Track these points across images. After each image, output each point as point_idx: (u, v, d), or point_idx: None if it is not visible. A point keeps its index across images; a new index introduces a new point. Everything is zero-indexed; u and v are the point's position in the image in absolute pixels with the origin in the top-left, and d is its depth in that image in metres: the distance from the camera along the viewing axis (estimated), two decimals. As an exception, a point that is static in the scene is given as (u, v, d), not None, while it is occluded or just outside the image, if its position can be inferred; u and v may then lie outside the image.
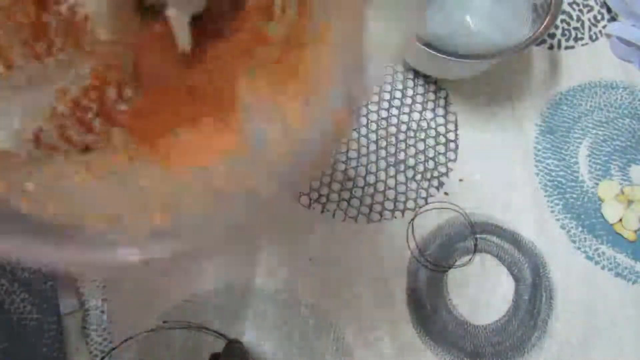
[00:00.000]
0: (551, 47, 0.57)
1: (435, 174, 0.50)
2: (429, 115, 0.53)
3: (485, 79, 0.55)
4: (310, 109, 0.22)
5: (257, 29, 0.24)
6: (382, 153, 0.51)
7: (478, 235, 0.48)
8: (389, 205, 0.49)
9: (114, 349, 0.42)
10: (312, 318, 0.44)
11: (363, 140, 0.51)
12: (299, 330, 0.44)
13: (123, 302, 0.44)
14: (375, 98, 0.53)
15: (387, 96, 0.53)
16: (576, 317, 0.45)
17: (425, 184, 0.50)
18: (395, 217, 0.48)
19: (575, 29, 0.58)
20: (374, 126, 0.52)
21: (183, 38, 0.24)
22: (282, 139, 0.22)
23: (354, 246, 0.47)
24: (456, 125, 0.52)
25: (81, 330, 0.42)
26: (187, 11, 0.23)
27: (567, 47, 0.57)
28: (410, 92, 0.54)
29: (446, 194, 0.49)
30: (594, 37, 0.58)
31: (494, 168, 0.51)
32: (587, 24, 0.59)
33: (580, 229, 0.49)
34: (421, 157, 0.51)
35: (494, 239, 0.48)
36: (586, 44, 0.58)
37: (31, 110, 0.22)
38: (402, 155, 0.51)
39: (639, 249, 0.48)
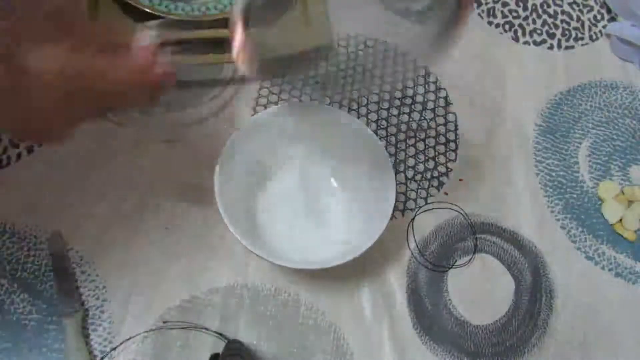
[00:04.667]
0: (551, 47, 0.57)
1: (435, 174, 0.50)
2: (429, 115, 0.53)
3: (485, 80, 0.55)
4: None
5: None
6: (382, 153, 0.51)
7: (478, 235, 0.48)
8: (389, 205, 0.49)
9: (114, 349, 0.42)
10: (312, 318, 0.44)
11: (363, 140, 0.51)
12: (299, 330, 0.44)
13: (123, 302, 0.44)
14: (375, 98, 0.53)
15: (387, 96, 0.53)
16: (576, 317, 0.45)
17: (425, 184, 0.50)
18: (395, 217, 0.48)
19: (575, 29, 0.58)
20: (373, 126, 0.52)
21: None
22: None
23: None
24: (456, 126, 0.52)
25: (81, 330, 0.42)
26: None
27: (567, 47, 0.57)
28: (410, 92, 0.54)
29: (446, 194, 0.49)
30: (594, 37, 0.58)
31: (493, 168, 0.51)
32: (587, 24, 0.59)
33: (580, 229, 0.49)
34: (421, 157, 0.51)
35: (494, 239, 0.48)
36: (586, 44, 0.58)
37: None
38: (402, 155, 0.51)
39: (639, 249, 0.48)
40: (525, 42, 0.57)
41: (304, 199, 0.47)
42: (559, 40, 0.58)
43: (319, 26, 0.54)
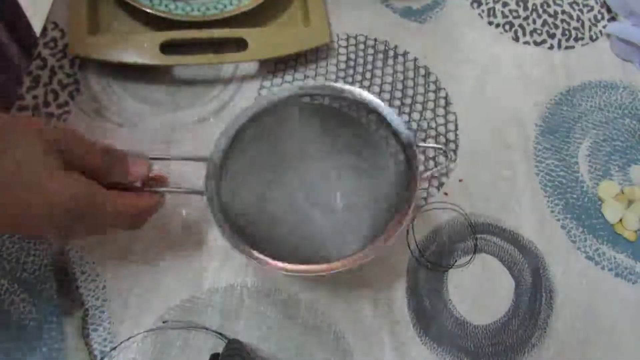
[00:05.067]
0: (551, 47, 0.57)
1: (435, 174, 0.50)
2: (429, 115, 0.53)
3: (485, 80, 0.55)
4: None
5: None
6: (382, 153, 0.51)
7: (478, 235, 0.48)
8: (389, 205, 0.48)
9: (114, 348, 0.42)
10: (312, 318, 0.44)
11: (363, 140, 0.51)
12: (299, 330, 0.44)
13: (123, 302, 0.44)
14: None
15: (387, 96, 0.53)
16: (576, 317, 0.45)
17: (425, 184, 0.50)
18: (395, 217, 0.48)
19: (575, 28, 0.58)
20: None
21: None
22: None
23: (354, 246, 0.47)
24: (456, 125, 0.52)
25: (81, 330, 0.42)
26: None
27: (567, 47, 0.57)
28: (410, 92, 0.54)
29: (446, 194, 0.49)
30: (594, 37, 0.58)
31: (494, 168, 0.51)
32: (587, 23, 0.59)
33: (580, 229, 0.49)
34: (421, 157, 0.51)
35: (494, 239, 0.48)
36: (586, 44, 0.58)
37: None
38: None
39: (639, 249, 0.48)
40: (525, 42, 0.57)
41: (304, 201, 0.47)
42: (559, 40, 0.58)
43: (319, 26, 0.54)
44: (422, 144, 0.43)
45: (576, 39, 0.58)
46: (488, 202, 0.49)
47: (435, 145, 0.43)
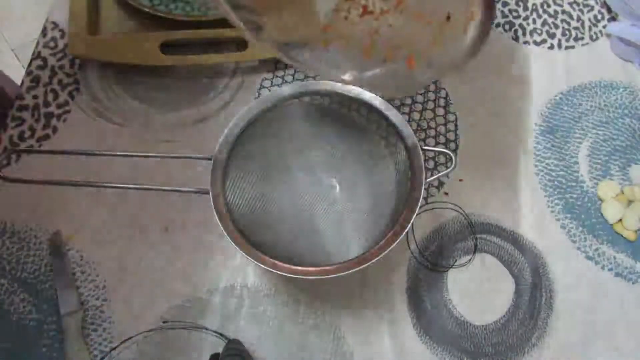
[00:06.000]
0: (551, 47, 0.57)
1: (435, 173, 0.50)
2: (429, 115, 0.53)
3: (485, 80, 0.55)
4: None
5: None
6: (382, 153, 0.51)
7: (478, 235, 0.48)
8: (389, 205, 0.48)
9: (114, 349, 0.42)
10: (312, 318, 0.44)
11: (363, 140, 0.51)
12: (299, 330, 0.44)
13: (123, 302, 0.44)
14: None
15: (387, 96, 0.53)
16: (576, 317, 0.45)
17: (426, 184, 0.49)
18: (395, 217, 0.48)
19: (575, 28, 0.58)
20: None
21: None
22: None
23: (354, 246, 0.47)
24: (456, 125, 0.52)
25: (81, 330, 0.42)
26: None
27: (567, 47, 0.57)
28: (410, 92, 0.54)
29: (446, 194, 0.49)
30: (594, 37, 0.58)
31: (493, 168, 0.51)
32: (587, 23, 0.59)
33: (580, 229, 0.49)
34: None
35: (494, 239, 0.48)
36: (586, 43, 0.58)
37: None
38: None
39: (639, 249, 0.48)
40: (525, 42, 0.57)
41: (304, 202, 0.47)
42: (559, 40, 0.58)
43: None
44: (426, 147, 0.43)
45: (576, 39, 0.58)
46: (488, 202, 0.49)
47: (442, 150, 0.43)
